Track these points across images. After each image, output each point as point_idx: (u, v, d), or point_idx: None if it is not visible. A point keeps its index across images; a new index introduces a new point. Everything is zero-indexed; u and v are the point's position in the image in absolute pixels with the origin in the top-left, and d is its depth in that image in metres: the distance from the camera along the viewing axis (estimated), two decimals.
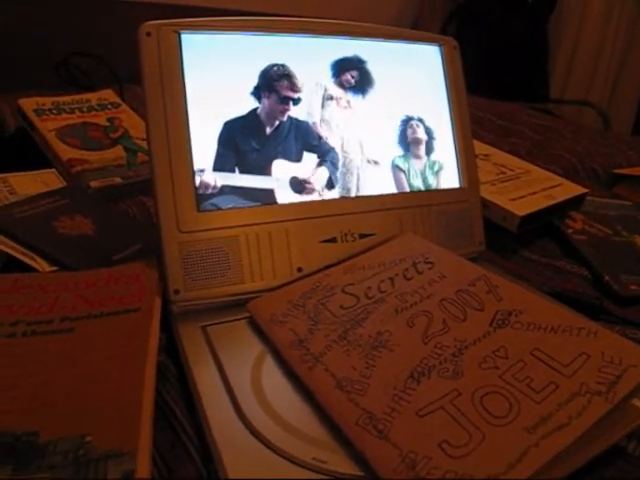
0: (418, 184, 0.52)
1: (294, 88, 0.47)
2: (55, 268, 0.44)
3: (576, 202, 0.64)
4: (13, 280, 0.40)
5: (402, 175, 0.51)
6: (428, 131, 0.53)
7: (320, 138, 0.48)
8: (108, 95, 0.78)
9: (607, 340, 0.31)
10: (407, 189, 0.51)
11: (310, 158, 0.48)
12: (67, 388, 0.29)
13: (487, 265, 0.53)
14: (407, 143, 0.52)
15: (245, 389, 0.33)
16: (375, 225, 0.49)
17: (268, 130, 0.46)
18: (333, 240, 0.47)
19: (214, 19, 0.43)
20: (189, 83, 0.42)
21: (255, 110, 0.46)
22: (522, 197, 0.59)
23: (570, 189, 0.64)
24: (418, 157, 0.52)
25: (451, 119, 0.53)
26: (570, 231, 0.59)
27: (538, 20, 1.47)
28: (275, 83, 0.46)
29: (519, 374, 0.30)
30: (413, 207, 0.51)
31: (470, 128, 0.54)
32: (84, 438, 0.25)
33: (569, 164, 0.83)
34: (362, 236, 0.48)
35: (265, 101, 0.46)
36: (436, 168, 0.53)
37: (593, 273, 0.53)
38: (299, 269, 0.45)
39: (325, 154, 0.48)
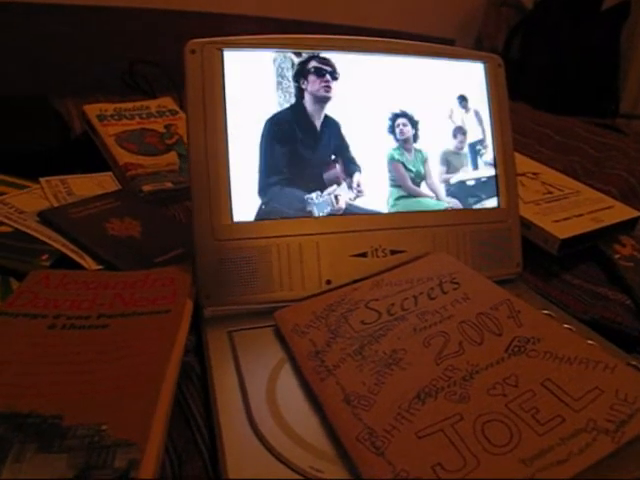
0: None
1: (329, 63, 0.47)
2: (101, 267, 0.48)
3: (627, 226, 0.61)
4: (62, 276, 0.43)
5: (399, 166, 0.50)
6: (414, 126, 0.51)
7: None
8: (167, 102, 0.83)
9: (625, 377, 0.30)
10: (406, 176, 0.50)
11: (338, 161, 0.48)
12: (94, 379, 0.32)
13: (524, 288, 0.52)
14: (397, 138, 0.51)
15: (258, 394, 0.35)
16: (406, 242, 0.49)
17: (317, 125, 0.47)
18: (363, 255, 0.48)
19: (255, 37, 0.45)
20: (229, 99, 0.44)
21: (301, 99, 0.47)
22: (566, 219, 0.57)
23: (621, 212, 0.61)
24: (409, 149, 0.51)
25: (493, 138, 0.53)
26: (617, 256, 0.57)
27: (610, 30, 1.40)
28: (310, 63, 0.47)
29: (526, 404, 0.30)
30: (447, 226, 0.50)
31: (512, 147, 0.53)
32: (100, 426, 0.28)
33: (627, 185, 0.79)
34: (393, 252, 0.49)
35: (307, 86, 0.47)
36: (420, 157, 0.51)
37: (636, 302, 0.51)
38: (328, 281, 0.46)
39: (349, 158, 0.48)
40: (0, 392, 0.31)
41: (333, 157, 0.48)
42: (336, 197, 0.47)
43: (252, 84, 0.45)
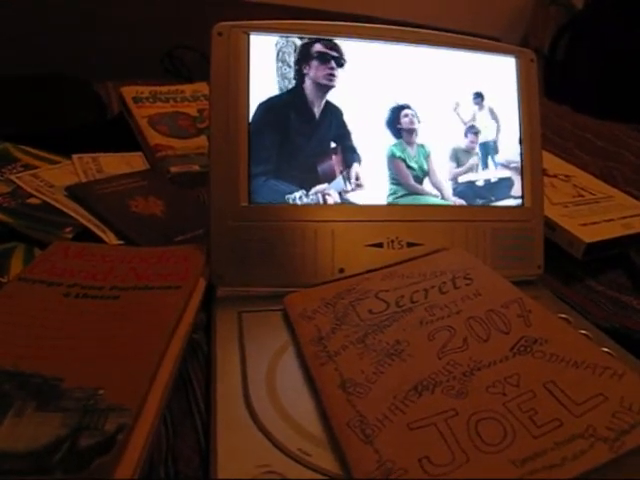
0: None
1: (335, 48, 0.46)
2: (121, 242, 0.49)
3: None
4: (81, 248, 0.45)
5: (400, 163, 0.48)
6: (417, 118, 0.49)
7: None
8: (202, 87, 0.84)
9: (632, 385, 0.29)
10: (409, 174, 0.48)
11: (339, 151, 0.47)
12: (98, 346, 0.33)
13: (544, 290, 0.50)
14: (398, 130, 0.48)
15: (258, 374, 0.35)
16: (424, 235, 0.48)
17: (317, 113, 0.46)
18: (379, 245, 0.47)
19: (283, 22, 0.45)
20: (253, 82, 0.44)
21: (302, 84, 0.45)
22: (595, 223, 0.55)
23: None
24: (410, 143, 0.49)
25: (520, 134, 0.51)
26: None
27: None
28: (313, 48, 0.45)
29: (524, 405, 0.29)
30: (467, 221, 0.49)
31: (540, 145, 0.52)
32: (97, 390, 0.29)
33: None
34: (410, 245, 0.48)
35: (309, 71, 0.45)
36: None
37: None
38: (341, 270, 0.46)
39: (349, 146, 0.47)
40: (10, 352, 0.32)
41: (333, 145, 0.47)
42: (324, 196, 0.46)
43: (276, 68, 0.45)
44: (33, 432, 0.26)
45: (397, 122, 0.48)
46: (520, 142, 0.51)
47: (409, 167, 0.49)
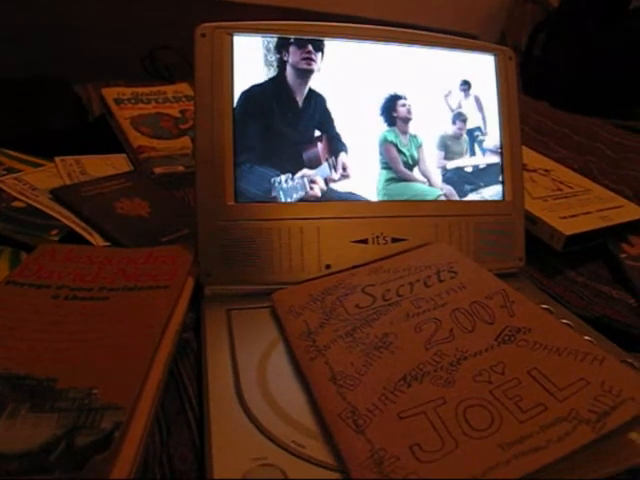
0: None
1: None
2: (108, 244, 0.49)
3: (637, 226, 0.60)
4: (68, 250, 0.45)
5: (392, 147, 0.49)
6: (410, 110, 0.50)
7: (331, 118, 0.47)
8: (183, 88, 0.84)
9: (611, 369, 0.30)
10: (399, 159, 0.49)
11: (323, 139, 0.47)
12: (90, 346, 0.33)
13: (527, 282, 0.52)
14: (393, 118, 0.49)
15: (249, 370, 0.35)
16: (408, 230, 0.49)
17: (299, 100, 0.46)
18: (364, 241, 0.48)
19: (264, 23, 0.46)
20: (237, 82, 0.45)
21: (283, 71, 0.46)
22: (574, 216, 0.56)
23: (632, 212, 0.60)
24: (404, 132, 0.50)
25: (500, 130, 0.52)
26: (623, 256, 0.56)
27: (637, 30, 1.37)
28: (292, 37, 0.46)
29: (510, 391, 0.30)
30: (450, 216, 0.50)
31: (520, 140, 0.53)
32: (92, 390, 0.29)
33: None
34: (394, 240, 0.49)
35: (288, 58, 0.46)
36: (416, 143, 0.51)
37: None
38: (327, 266, 0.47)
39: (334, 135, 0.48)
40: (0, 355, 0.32)
41: (317, 133, 0.47)
42: (310, 182, 0.46)
43: (259, 68, 0.46)
44: (28, 433, 0.26)
45: (393, 110, 0.49)
46: (500, 138, 0.52)
47: (400, 152, 0.49)
